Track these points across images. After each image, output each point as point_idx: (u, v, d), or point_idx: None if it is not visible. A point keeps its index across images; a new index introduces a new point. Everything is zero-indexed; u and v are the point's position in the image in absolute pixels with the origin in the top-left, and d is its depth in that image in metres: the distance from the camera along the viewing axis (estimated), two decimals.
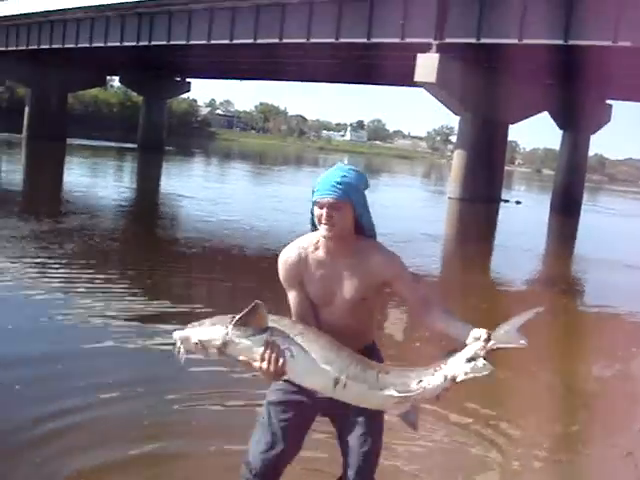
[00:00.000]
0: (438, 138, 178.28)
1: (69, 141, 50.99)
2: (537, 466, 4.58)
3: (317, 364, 2.57)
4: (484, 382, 2.64)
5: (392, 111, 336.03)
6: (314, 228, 2.81)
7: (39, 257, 9.67)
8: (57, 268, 9.04)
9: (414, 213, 24.44)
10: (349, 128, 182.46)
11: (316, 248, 2.79)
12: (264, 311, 2.60)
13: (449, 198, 30.76)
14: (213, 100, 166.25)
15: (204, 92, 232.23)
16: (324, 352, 2.59)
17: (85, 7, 41.33)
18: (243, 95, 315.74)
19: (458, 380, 2.52)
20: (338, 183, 2.69)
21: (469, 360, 2.50)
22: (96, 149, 50.87)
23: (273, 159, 69.94)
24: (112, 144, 58.93)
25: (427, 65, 27.06)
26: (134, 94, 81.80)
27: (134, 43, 39.92)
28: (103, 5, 40.06)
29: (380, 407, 2.70)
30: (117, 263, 10.48)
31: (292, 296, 2.85)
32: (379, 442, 2.87)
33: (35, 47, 47.12)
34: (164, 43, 38.23)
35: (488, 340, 2.51)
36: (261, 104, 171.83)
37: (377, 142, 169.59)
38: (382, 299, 2.96)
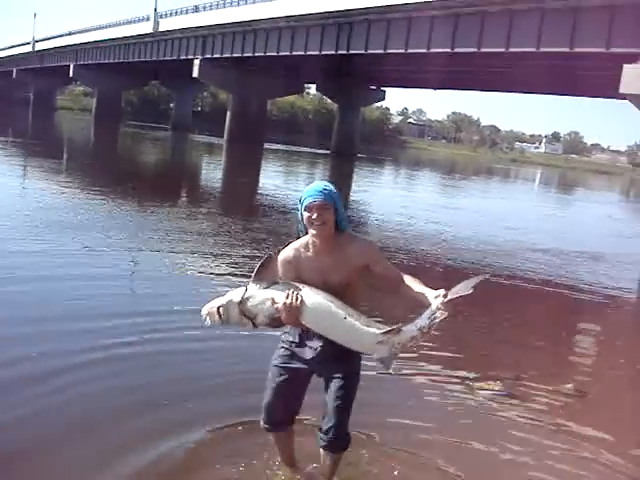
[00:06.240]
0: None
1: (266, 145, 53.06)
2: None
3: (325, 302, 3.25)
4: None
5: (590, 123, 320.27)
6: (301, 234, 3.44)
7: (221, 256, 10.07)
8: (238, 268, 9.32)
9: (607, 230, 23.14)
10: (544, 140, 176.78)
11: (307, 249, 3.41)
12: (276, 263, 3.40)
13: None
14: (406, 109, 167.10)
15: (397, 100, 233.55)
16: (327, 295, 3.28)
17: (288, 17, 42.87)
18: (435, 104, 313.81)
19: (425, 328, 3.20)
20: (324, 189, 3.32)
21: (433, 313, 3.18)
22: (291, 154, 52.55)
23: (463, 170, 69.03)
24: (306, 149, 60.70)
25: (634, 76, 25.57)
26: (329, 101, 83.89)
27: (333, 52, 40.86)
28: (305, 14, 41.33)
29: (363, 347, 3.31)
30: None
31: None
32: (352, 397, 3.50)
33: (239, 55, 49.45)
34: (362, 52, 38.84)
35: (446, 296, 3.18)
36: (453, 113, 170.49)
37: (573, 155, 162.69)
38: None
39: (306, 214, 3.31)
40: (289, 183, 27.91)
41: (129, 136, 54.69)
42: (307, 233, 3.40)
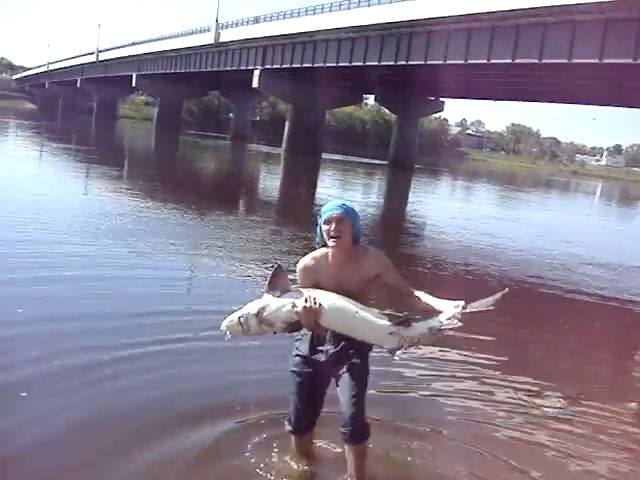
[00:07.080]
0: None
1: (324, 155, 53.15)
2: None
3: (340, 301, 3.51)
4: None
5: None
6: (318, 246, 3.72)
7: (274, 262, 10.05)
8: None
9: None
10: (605, 153, 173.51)
11: (326, 259, 3.67)
12: (286, 273, 3.68)
13: None
14: (464, 120, 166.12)
15: (455, 111, 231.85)
16: (339, 296, 3.53)
17: (347, 27, 42.98)
18: (494, 115, 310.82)
19: (435, 330, 3.45)
20: (342, 205, 3.62)
21: (448, 319, 3.43)
22: (348, 164, 52.53)
23: (522, 182, 68.13)
24: (363, 160, 60.62)
25: None
26: (386, 112, 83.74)
27: (392, 62, 40.78)
28: (365, 25, 41.40)
29: (377, 339, 3.55)
30: None
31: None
32: (364, 389, 3.67)
33: (298, 65, 49.75)
34: (421, 63, 38.67)
35: (465, 307, 3.45)
36: (513, 125, 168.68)
37: (635, 168, 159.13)
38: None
39: (325, 227, 3.59)
40: (345, 193, 27.87)
41: (189, 145, 55.44)
42: (324, 246, 3.68)
